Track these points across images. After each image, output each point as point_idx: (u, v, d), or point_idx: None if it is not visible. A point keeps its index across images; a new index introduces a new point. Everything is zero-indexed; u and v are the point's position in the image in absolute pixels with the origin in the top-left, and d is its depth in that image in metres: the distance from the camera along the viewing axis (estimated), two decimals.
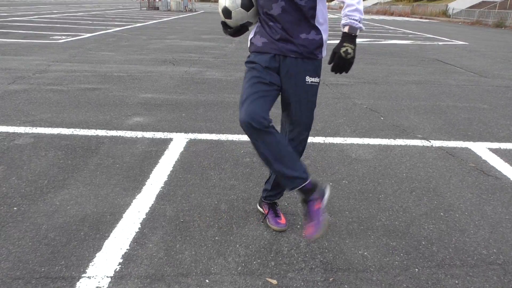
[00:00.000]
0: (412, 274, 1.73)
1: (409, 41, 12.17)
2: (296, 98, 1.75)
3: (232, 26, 1.74)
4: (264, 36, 1.70)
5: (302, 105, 1.77)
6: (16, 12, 18.84)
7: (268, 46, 1.69)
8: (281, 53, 1.68)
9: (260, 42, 1.71)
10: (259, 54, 1.71)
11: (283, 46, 1.67)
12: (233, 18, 1.70)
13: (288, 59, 1.69)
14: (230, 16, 1.69)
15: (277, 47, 1.67)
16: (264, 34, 1.70)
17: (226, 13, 1.69)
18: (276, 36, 1.66)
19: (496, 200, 2.41)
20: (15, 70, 5.60)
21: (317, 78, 1.76)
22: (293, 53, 1.67)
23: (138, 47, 8.50)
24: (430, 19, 31.21)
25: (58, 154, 2.81)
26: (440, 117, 4.14)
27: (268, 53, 1.69)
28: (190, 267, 1.72)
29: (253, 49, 1.75)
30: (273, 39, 1.67)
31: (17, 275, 1.62)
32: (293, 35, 1.65)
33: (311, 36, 1.67)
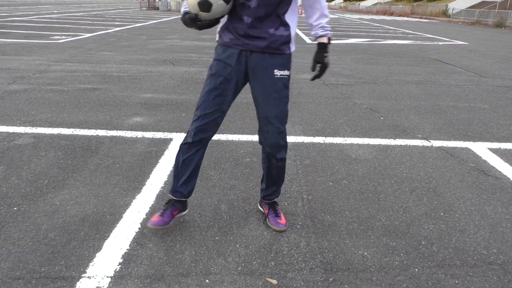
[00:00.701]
0: (412, 274, 1.73)
1: (409, 41, 12.17)
2: (267, 92, 1.77)
3: (205, 19, 1.64)
4: (232, 32, 1.71)
5: (274, 99, 1.78)
6: (16, 12, 18.84)
7: (234, 42, 1.71)
8: (248, 49, 1.70)
9: (227, 38, 1.73)
10: (226, 49, 1.74)
11: (250, 43, 1.69)
12: (212, 11, 1.61)
13: (254, 54, 1.71)
14: (210, 9, 1.60)
15: (243, 43, 1.69)
16: (232, 29, 1.71)
17: (204, 6, 1.59)
18: (244, 32, 1.68)
19: (496, 200, 2.41)
20: (15, 70, 5.60)
21: (286, 71, 1.78)
22: (259, 49, 1.70)
23: (138, 47, 8.50)
24: (430, 19, 31.22)
25: (58, 154, 2.81)
26: (440, 117, 4.14)
27: (234, 48, 1.72)
28: (190, 267, 1.72)
29: (221, 42, 1.77)
30: (240, 35, 1.69)
31: (17, 275, 1.62)
32: (262, 30, 1.67)
33: (279, 31, 1.69)
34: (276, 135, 1.83)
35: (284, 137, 1.87)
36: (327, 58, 1.71)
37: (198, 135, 1.82)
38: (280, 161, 1.93)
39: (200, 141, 1.84)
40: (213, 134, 1.88)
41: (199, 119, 1.80)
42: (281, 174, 2.02)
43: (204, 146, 1.89)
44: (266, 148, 1.90)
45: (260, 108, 1.81)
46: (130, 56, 7.31)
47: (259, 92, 1.78)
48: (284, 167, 2.00)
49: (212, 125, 1.83)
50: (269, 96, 1.77)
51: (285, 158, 1.95)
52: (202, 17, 1.63)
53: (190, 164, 1.89)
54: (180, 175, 1.92)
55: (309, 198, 2.35)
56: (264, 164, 2.01)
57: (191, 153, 1.86)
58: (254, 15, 1.63)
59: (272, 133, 1.82)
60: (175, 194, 1.96)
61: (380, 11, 41.66)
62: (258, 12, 1.63)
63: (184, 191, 1.95)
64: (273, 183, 2.05)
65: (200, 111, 1.80)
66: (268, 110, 1.79)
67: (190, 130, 1.84)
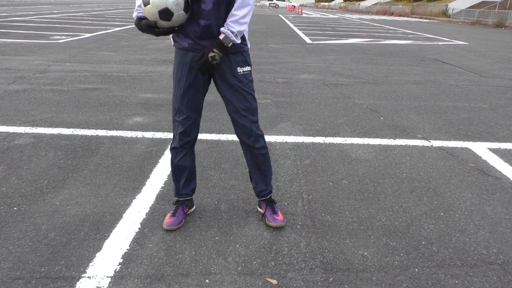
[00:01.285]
0: (412, 274, 1.73)
1: (409, 41, 12.17)
2: (233, 89, 1.83)
3: (163, 27, 1.66)
4: (189, 37, 1.73)
5: (241, 94, 1.85)
6: (16, 12, 18.85)
7: (194, 47, 1.75)
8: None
9: (185, 43, 1.75)
10: (186, 53, 1.77)
11: (207, 44, 1.71)
12: (173, 21, 1.62)
13: None
14: (170, 18, 1.61)
15: (203, 47, 1.73)
16: (190, 33, 1.72)
17: (165, 15, 1.59)
18: (201, 35, 1.70)
19: (496, 200, 2.41)
20: (15, 70, 5.60)
21: (248, 67, 1.85)
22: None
23: (138, 47, 8.50)
24: (430, 19, 31.22)
25: (58, 154, 2.81)
26: (440, 117, 4.14)
27: (195, 52, 1.75)
28: (190, 267, 1.72)
29: (179, 47, 1.80)
30: (198, 38, 1.72)
31: (17, 275, 1.62)
32: (219, 32, 1.69)
33: None
34: (250, 125, 1.90)
35: (258, 126, 1.94)
36: (213, 54, 1.65)
37: (183, 139, 1.93)
38: (261, 150, 1.97)
39: (187, 144, 1.95)
40: (197, 134, 1.98)
41: (181, 125, 1.89)
42: (266, 163, 2.04)
43: (192, 146, 2.00)
44: (245, 140, 1.95)
45: (230, 104, 1.88)
46: (130, 56, 7.31)
47: (226, 90, 1.85)
48: (267, 156, 2.03)
49: (193, 127, 1.93)
50: (236, 92, 1.84)
51: (265, 147, 1.99)
52: (161, 25, 1.65)
53: (185, 167, 2.00)
54: (179, 178, 2.02)
55: (309, 198, 2.35)
56: (247, 157, 2.04)
57: (181, 155, 1.97)
58: (210, 17, 1.67)
59: (246, 124, 1.89)
60: (180, 195, 2.06)
61: (380, 11, 41.67)
62: (213, 14, 1.67)
63: (187, 191, 2.06)
64: (261, 176, 2.06)
65: (178, 117, 1.89)
66: (238, 104, 1.86)
67: (174, 135, 1.95)
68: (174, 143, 1.96)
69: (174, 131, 1.94)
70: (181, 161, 1.98)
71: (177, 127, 1.91)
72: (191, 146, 1.98)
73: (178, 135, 1.91)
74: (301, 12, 33.17)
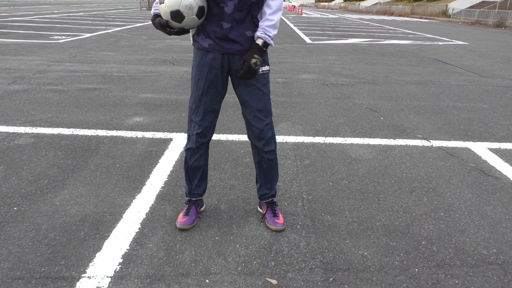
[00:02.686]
0: (412, 274, 1.73)
1: (409, 41, 12.17)
2: (251, 89, 1.83)
3: (174, 27, 1.67)
4: (210, 38, 1.73)
5: (258, 94, 1.84)
6: (16, 12, 18.85)
7: (214, 47, 1.74)
8: (229, 53, 1.75)
9: (206, 43, 1.75)
10: (207, 54, 1.77)
11: (230, 47, 1.73)
12: (183, 23, 1.63)
13: (236, 56, 1.76)
14: (181, 21, 1.62)
15: (223, 48, 1.73)
16: (211, 34, 1.72)
17: (176, 17, 1.61)
18: (223, 36, 1.70)
19: (496, 200, 2.41)
20: (15, 70, 5.60)
21: (267, 66, 1.85)
22: (238, 51, 1.75)
23: (138, 47, 8.50)
24: (430, 19, 31.22)
25: (58, 154, 2.81)
26: (440, 117, 4.14)
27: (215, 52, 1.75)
28: (190, 267, 1.72)
29: (199, 47, 1.79)
30: (220, 39, 1.72)
31: (17, 275, 1.62)
32: (239, 34, 1.70)
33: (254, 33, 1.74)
34: (263, 127, 1.89)
35: (271, 129, 1.93)
36: (254, 60, 1.69)
37: (199, 140, 1.91)
38: (270, 154, 1.97)
39: (203, 144, 1.94)
40: (212, 135, 1.97)
41: (198, 126, 1.88)
42: (273, 168, 2.04)
43: (207, 147, 1.99)
44: (255, 143, 1.95)
45: (247, 104, 1.87)
46: (130, 56, 7.31)
47: (244, 90, 1.84)
48: (275, 161, 2.03)
49: (210, 128, 1.91)
50: (254, 91, 1.83)
51: (275, 151, 1.99)
52: (172, 25, 1.66)
53: (199, 167, 2.00)
54: (192, 179, 2.03)
55: (309, 198, 2.35)
56: (255, 159, 2.04)
57: (197, 157, 1.96)
58: (232, 20, 1.67)
59: (259, 126, 1.88)
60: (193, 196, 2.07)
61: (380, 11, 41.67)
62: (235, 16, 1.67)
63: (199, 191, 2.08)
64: (266, 180, 2.06)
65: (196, 117, 1.87)
66: (254, 104, 1.85)
67: (190, 135, 1.93)
68: (190, 143, 1.94)
69: (190, 132, 1.93)
70: (196, 162, 1.97)
71: (193, 128, 1.89)
72: (206, 147, 1.98)
73: (195, 135, 1.90)
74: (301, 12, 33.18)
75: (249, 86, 1.81)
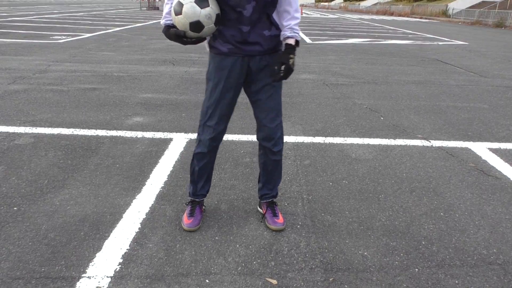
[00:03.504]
0: (412, 274, 1.73)
1: (409, 41, 12.17)
2: (267, 87, 1.83)
3: (191, 37, 1.65)
4: (229, 42, 1.72)
5: (274, 93, 1.86)
6: (16, 12, 18.85)
7: (234, 51, 1.74)
8: (249, 55, 1.75)
9: (225, 48, 1.74)
10: (225, 58, 1.76)
11: (250, 49, 1.73)
12: (202, 33, 1.62)
13: (256, 57, 1.76)
14: (200, 31, 1.61)
15: (243, 51, 1.73)
16: (228, 39, 1.71)
17: (196, 27, 1.59)
18: (242, 40, 1.70)
19: (496, 200, 2.41)
20: (15, 70, 5.60)
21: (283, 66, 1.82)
22: (258, 52, 1.75)
23: (138, 47, 8.50)
24: (430, 19, 31.21)
25: (58, 154, 2.81)
26: (440, 117, 4.14)
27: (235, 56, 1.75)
28: (190, 267, 1.72)
29: (218, 52, 1.77)
30: (239, 43, 1.71)
31: (17, 275, 1.62)
32: (258, 35, 1.71)
33: (272, 32, 1.75)
34: (275, 127, 1.89)
35: (281, 128, 1.93)
36: (292, 60, 1.70)
37: (212, 144, 1.90)
38: (277, 155, 1.97)
39: (214, 148, 1.94)
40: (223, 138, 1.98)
41: (212, 130, 1.86)
42: (277, 169, 2.04)
43: (217, 149, 1.99)
44: (265, 143, 1.94)
45: (260, 103, 1.86)
46: (130, 56, 7.31)
47: (260, 89, 1.83)
48: (280, 163, 2.03)
49: (223, 132, 1.91)
50: (269, 90, 1.83)
51: (281, 152, 1.98)
52: (189, 36, 1.64)
53: (206, 170, 2.00)
54: (198, 180, 2.02)
55: (309, 198, 2.35)
56: (261, 160, 2.03)
57: (206, 160, 1.96)
58: (250, 22, 1.67)
59: (272, 125, 1.88)
60: (197, 196, 2.06)
61: (380, 11, 41.67)
62: (253, 18, 1.66)
63: (204, 192, 2.07)
64: (269, 180, 2.06)
65: (211, 121, 1.85)
66: (269, 103, 1.85)
67: (202, 140, 1.90)
68: (201, 147, 1.91)
69: (201, 137, 1.89)
70: (204, 165, 1.97)
71: (207, 132, 1.87)
72: (216, 150, 1.97)
73: (208, 140, 1.88)
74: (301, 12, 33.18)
75: (266, 85, 1.82)
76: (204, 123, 1.87)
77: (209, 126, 1.86)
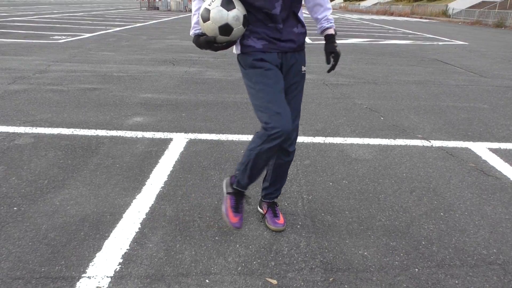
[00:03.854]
0: (412, 274, 1.73)
1: (409, 41, 12.17)
2: (294, 87, 1.84)
3: (221, 42, 1.64)
4: (263, 39, 1.71)
5: (298, 94, 1.87)
6: (16, 12, 18.85)
7: (270, 47, 1.72)
8: (283, 51, 1.74)
9: (259, 44, 1.72)
10: (261, 54, 1.72)
11: (285, 45, 1.73)
12: (232, 35, 1.62)
13: (288, 54, 1.76)
14: (230, 33, 1.61)
15: (278, 47, 1.72)
16: (262, 36, 1.70)
17: (225, 31, 1.58)
18: (277, 36, 1.70)
19: (496, 200, 2.41)
20: (15, 70, 5.60)
21: (305, 67, 1.88)
22: (292, 49, 1.76)
23: (138, 47, 8.50)
24: (430, 19, 31.21)
25: (58, 154, 2.81)
26: (440, 117, 4.14)
27: (271, 52, 1.73)
28: (190, 267, 1.72)
29: (253, 50, 1.73)
30: (273, 39, 1.70)
31: (17, 275, 1.62)
32: (289, 32, 1.72)
33: (299, 29, 1.77)
34: (295, 128, 1.89)
35: (297, 129, 1.94)
36: (338, 47, 1.77)
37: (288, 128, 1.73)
38: (291, 155, 1.96)
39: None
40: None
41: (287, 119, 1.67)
42: (286, 170, 2.04)
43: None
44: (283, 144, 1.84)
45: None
46: (130, 56, 7.31)
47: (288, 89, 1.83)
48: (288, 166, 2.02)
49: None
50: (294, 91, 1.84)
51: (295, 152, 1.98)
52: (220, 40, 1.63)
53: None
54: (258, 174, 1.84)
55: (309, 198, 2.35)
56: (273, 161, 1.99)
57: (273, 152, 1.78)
58: (280, 20, 1.67)
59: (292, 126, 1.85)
60: (246, 189, 1.91)
61: (380, 11, 41.65)
62: (282, 16, 1.67)
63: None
64: (277, 181, 2.05)
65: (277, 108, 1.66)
66: (293, 104, 1.85)
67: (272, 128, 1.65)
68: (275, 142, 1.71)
69: (271, 124, 1.69)
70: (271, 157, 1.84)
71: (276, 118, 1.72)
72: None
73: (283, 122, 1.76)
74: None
75: (293, 84, 1.82)
76: (273, 112, 1.65)
77: (276, 112, 1.66)
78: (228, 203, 1.90)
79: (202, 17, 1.60)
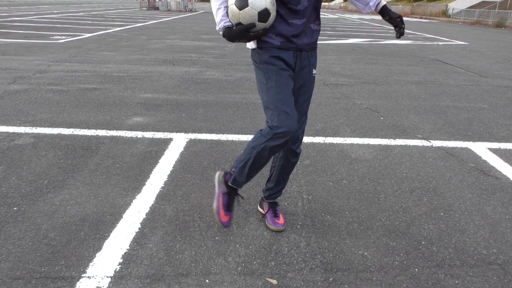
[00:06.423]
0: (412, 274, 1.73)
1: (409, 41, 12.17)
2: (305, 90, 1.83)
3: (258, 29, 1.60)
4: (281, 36, 1.69)
5: (308, 97, 1.88)
6: (16, 12, 18.85)
7: (288, 45, 1.70)
8: (299, 49, 1.73)
9: (277, 41, 1.70)
10: (277, 51, 1.71)
11: (301, 42, 1.71)
12: (268, 21, 1.59)
13: (303, 53, 1.75)
14: (267, 19, 1.57)
15: (295, 45, 1.71)
16: (280, 33, 1.68)
17: (264, 16, 1.55)
18: (295, 33, 1.68)
19: (496, 200, 2.41)
20: (15, 70, 5.60)
21: (315, 70, 1.87)
22: (308, 47, 1.74)
23: (138, 47, 8.50)
24: (430, 19, 31.21)
25: (58, 154, 2.81)
26: (440, 117, 4.14)
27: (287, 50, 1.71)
28: (190, 267, 1.72)
29: (271, 46, 1.71)
30: (291, 36, 1.69)
31: (17, 275, 1.62)
32: (308, 28, 1.71)
33: (316, 26, 1.76)
34: (302, 130, 1.91)
35: (304, 131, 1.96)
36: (395, 13, 1.86)
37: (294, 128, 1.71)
38: (297, 156, 1.97)
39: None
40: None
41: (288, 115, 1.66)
42: (290, 172, 2.05)
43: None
44: (291, 146, 1.90)
45: (297, 105, 1.83)
46: (130, 56, 7.31)
47: (297, 90, 1.81)
48: (293, 167, 2.03)
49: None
50: (305, 93, 1.84)
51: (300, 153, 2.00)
52: (258, 28, 1.59)
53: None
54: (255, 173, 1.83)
55: (309, 198, 2.35)
56: (279, 162, 1.99)
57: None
58: (304, 17, 1.67)
59: (301, 128, 1.90)
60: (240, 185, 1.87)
61: None
62: (306, 12, 1.67)
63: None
64: (281, 181, 2.06)
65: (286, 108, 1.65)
66: (304, 106, 1.86)
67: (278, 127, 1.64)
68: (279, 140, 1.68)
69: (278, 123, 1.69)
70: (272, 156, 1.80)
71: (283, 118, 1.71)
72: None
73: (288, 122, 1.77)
74: None
75: (305, 86, 1.81)
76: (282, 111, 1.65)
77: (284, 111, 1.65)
78: (220, 201, 1.83)
79: (239, 6, 1.55)
